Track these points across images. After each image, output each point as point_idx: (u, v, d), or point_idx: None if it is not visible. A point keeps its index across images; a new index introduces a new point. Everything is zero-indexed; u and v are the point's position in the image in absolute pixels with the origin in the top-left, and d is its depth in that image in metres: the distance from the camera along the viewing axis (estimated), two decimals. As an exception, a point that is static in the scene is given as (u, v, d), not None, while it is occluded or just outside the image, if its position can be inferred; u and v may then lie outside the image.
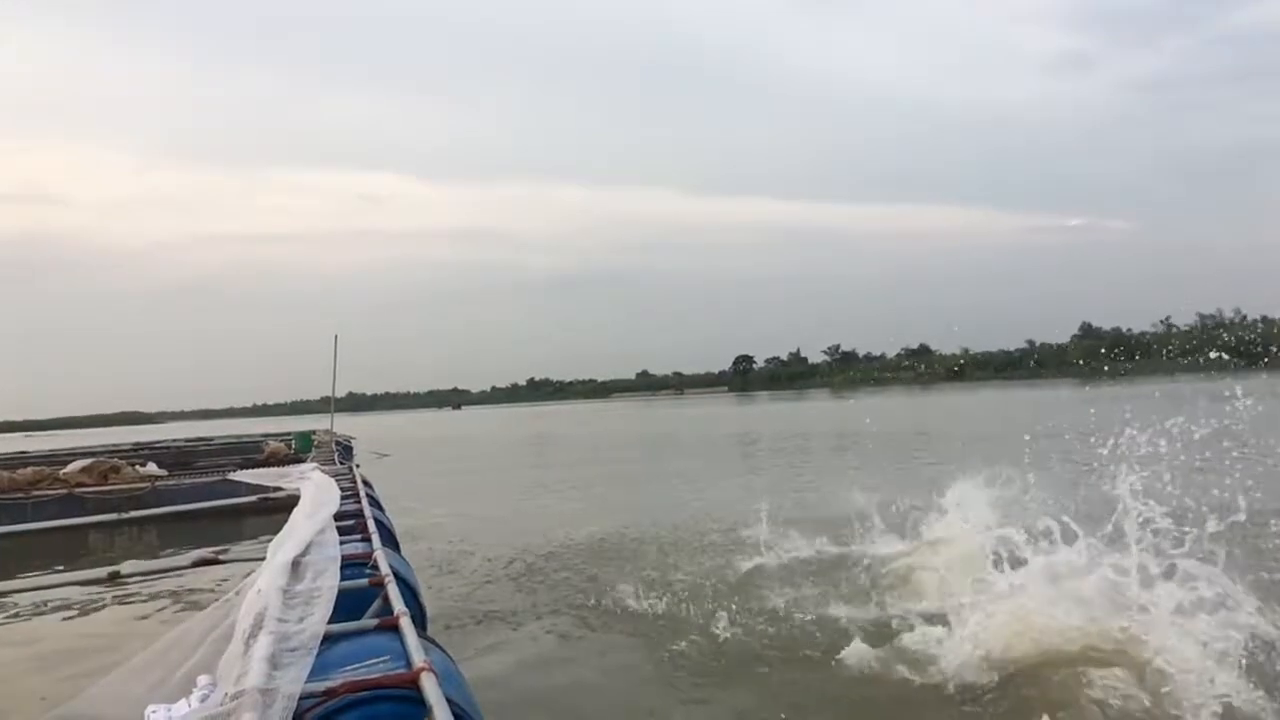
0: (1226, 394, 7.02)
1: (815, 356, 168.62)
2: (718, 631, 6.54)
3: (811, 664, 5.76)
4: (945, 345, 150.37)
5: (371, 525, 5.00)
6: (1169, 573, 5.60)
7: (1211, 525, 5.84)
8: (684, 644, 6.37)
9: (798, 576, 8.18)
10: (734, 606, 7.18)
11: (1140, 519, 5.96)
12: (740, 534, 10.54)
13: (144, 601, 8.55)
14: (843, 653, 5.77)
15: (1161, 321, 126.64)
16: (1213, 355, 9.44)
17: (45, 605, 8.46)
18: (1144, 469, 6.35)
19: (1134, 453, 6.48)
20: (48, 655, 6.96)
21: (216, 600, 3.46)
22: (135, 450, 21.51)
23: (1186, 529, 5.77)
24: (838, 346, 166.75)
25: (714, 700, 5.40)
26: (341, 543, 4.17)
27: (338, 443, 18.99)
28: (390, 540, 5.41)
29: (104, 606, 8.48)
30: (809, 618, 6.68)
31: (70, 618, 8.19)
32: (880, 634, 6.11)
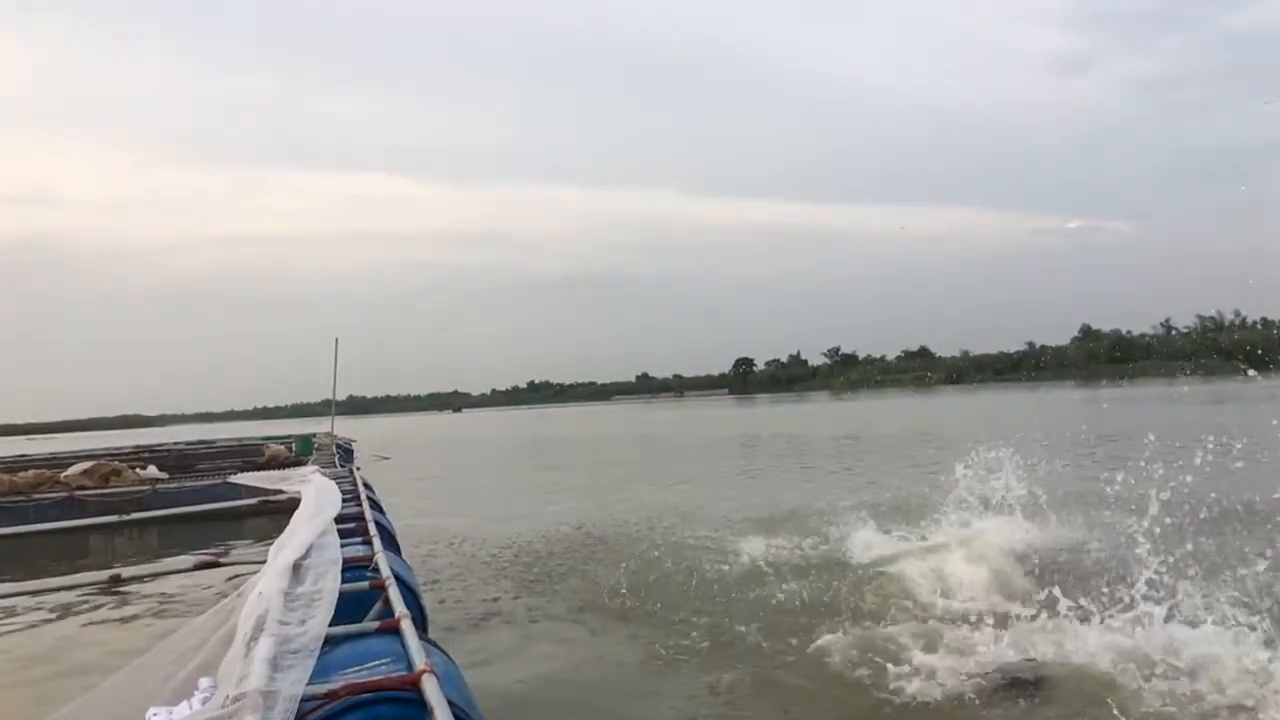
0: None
1: (815, 359, 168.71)
2: (715, 634, 6.55)
3: (804, 667, 5.76)
4: (945, 347, 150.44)
5: (372, 528, 4.99)
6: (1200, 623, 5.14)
7: (1261, 568, 5.58)
8: (682, 646, 6.38)
9: (793, 577, 8.17)
10: (731, 609, 7.19)
11: (1164, 563, 5.62)
12: (737, 534, 10.54)
13: (145, 604, 8.55)
14: (833, 657, 5.77)
15: (1161, 324, 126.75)
16: (1250, 373, 9.17)
17: (46, 608, 8.46)
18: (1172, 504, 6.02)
19: (1161, 481, 6.17)
20: (48, 658, 6.96)
21: (217, 603, 3.45)
22: (136, 453, 21.48)
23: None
24: (838, 349, 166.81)
25: (709, 701, 5.40)
26: (342, 545, 4.17)
27: (338, 445, 18.96)
28: (391, 543, 5.41)
29: (104, 609, 8.48)
30: (804, 621, 6.67)
31: (71, 620, 8.19)
32: (872, 639, 6.10)
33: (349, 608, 3.04)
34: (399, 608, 2.96)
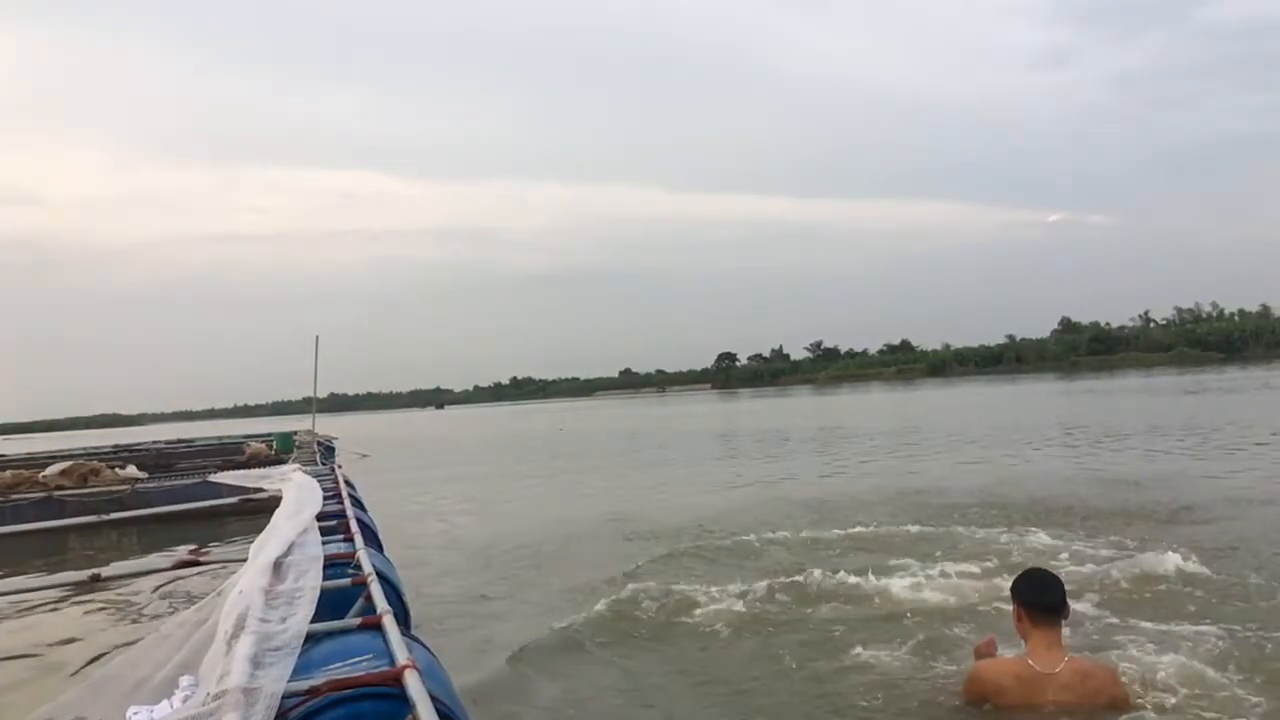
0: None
1: (797, 353, 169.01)
2: (688, 631, 6.59)
3: (802, 666, 5.81)
4: (927, 341, 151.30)
5: (354, 525, 4.97)
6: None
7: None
8: (663, 641, 6.42)
9: (778, 563, 8.23)
10: (711, 604, 7.22)
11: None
12: (720, 527, 10.60)
13: (125, 603, 8.49)
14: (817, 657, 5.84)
15: (1140, 315, 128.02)
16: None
17: (24, 608, 8.39)
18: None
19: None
20: (28, 658, 6.91)
21: (198, 601, 3.44)
22: (115, 452, 21.26)
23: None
24: (820, 343, 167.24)
25: (695, 698, 5.44)
26: (324, 543, 4.15)
27: (319, 443, 18.84)
28: (373, 540, 5.39)
29: (84, 609, 8.42)
30: (794, 611, 6.73)
31: (50, 621, 8.13)
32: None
33: (331, 605, 3.04)
34: (381, 604, 2.96)
